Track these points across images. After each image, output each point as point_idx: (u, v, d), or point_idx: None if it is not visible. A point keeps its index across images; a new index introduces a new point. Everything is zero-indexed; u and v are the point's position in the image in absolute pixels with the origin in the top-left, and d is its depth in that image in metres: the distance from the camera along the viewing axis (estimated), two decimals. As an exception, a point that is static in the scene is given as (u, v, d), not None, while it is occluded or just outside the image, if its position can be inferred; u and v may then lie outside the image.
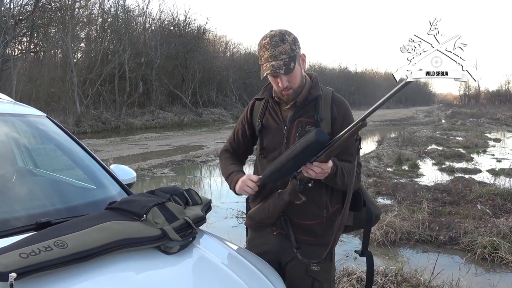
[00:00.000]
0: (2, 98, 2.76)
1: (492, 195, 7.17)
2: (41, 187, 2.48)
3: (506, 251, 4.88)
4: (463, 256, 5.02)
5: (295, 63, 1.97)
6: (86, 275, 1.50)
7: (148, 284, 1.62)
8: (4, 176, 2.29)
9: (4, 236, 1.66)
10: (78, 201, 2.28)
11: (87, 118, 21.06)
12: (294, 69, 1.97)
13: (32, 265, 1.36)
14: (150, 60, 27.37)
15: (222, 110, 32.07)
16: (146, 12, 29.35)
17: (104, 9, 26.44)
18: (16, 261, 1.34)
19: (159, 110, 26.45)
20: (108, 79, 24.99)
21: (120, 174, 2.54)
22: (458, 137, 19.39)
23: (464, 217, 6.07)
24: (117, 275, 1.57)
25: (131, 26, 27.61)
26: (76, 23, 23.96)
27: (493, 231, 5.32)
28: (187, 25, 31.76)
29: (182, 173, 10.01)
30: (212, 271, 1.79)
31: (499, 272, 4.65)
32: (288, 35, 1.98)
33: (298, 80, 2.03)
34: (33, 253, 1.39)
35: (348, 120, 2.04)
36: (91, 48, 26.21)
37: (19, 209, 1.98)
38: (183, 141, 16.38)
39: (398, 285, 3.81)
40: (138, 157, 12.04)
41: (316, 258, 2.01)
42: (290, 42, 1.97)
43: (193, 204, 2.07)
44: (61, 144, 2.52)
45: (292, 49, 1.97)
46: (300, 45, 2.04)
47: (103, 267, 1.55)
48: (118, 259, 1.61)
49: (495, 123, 31.14)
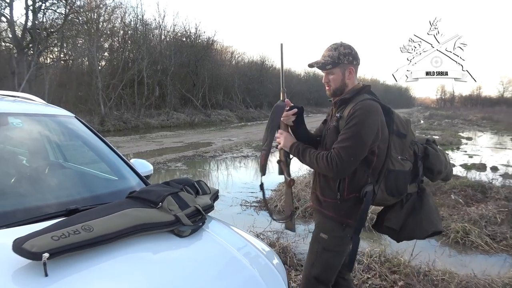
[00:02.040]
0: (36, 101, 2.77)
1: (465, 187, 7.16)
2: (70, 178, 2.49)
3: (476, 235, 4.88)
4: (439, 240, 5.02)
5: (335, 67, 2.13)
6: (109, 255, 1.50)
7: (163, 263, 1.62)
8: (38, 169, 2.30)
9: (38, 221, 1.67)
10: (102, 190, 2.29)
11: (110, 118, 21.07)
12: (331, 71, 2.14)
13: (62, 246, 1.37)
14: (165, 68, 27.36)
15: (228, 111, 32.02)
16: (161, 25, 29.34)
17: (125, 23, 26.46)
18: (48, 243, 1.35)
19: (173, 112, 26.43)
20: (128, 84, 24.98)
21: (139, 167, 2.55)
22: (435, 136, 19.33)
23: (440, 206, 6.06)
24: (136, 255, 1.57)
25: (149, 38, 27.56)
26: (100, 35, 23.96)
27: (465, 218, 5.33)
28: (197, 37, 31.72)
29: (193, 167, 10.01)
30: (219, 252, 1.80)
31: (470, 254, 4.65)
32: (344, 48, 2.13)
33: (338, 83, 2.16)
34: (63, 236, 1.40)
35: (352, 118, 2.03)
36: (113, 57, 26.21)
37: (51, 197, 1.99)
38: (194, 139, 16.38)
39: (382, 265, 3.82)
40: (155, 152, 12.04)
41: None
42: (341, 53, 2.12)
43: (202, 193, 2.08)
44: (87, 141, 2.53)
45: (339, 57, 2.12)
46: (355, 61, 2.15)
47: (124, 248, 1.56)
48: (137, 241, 1.62)
49: (467, 123, 31.07)
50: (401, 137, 2.14)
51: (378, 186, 2.10)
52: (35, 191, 2.02)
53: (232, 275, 1.70)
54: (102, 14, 24.24)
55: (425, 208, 2.20)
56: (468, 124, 30.17)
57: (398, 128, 2.14)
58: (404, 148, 2.14)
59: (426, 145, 2.26)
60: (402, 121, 2.19)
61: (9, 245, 1.35)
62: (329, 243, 2.18)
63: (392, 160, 2.08)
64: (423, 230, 2.21)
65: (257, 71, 38.26)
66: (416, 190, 2.23)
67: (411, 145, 2.18)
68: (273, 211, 5.80)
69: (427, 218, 2.19)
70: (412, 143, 2.20)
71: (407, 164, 2.14)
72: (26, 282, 1.31)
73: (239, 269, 1.72)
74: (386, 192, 2.11)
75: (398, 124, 2.15)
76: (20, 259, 1.33)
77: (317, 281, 2.22)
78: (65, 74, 22.78)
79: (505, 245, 4.76)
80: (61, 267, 1.36)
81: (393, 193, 2.12)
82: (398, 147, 2.11)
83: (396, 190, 2.11)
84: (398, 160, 2.10)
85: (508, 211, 5.75)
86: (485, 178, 8.11)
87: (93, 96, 22.04)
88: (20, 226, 1.62)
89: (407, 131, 2.18)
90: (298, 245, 4.45)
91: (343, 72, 2.14)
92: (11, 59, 19.55)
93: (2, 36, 21.23)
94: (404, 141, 2.14)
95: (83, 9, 22.94)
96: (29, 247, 1.32)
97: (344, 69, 2.13)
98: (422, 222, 2.19)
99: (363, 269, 3.75)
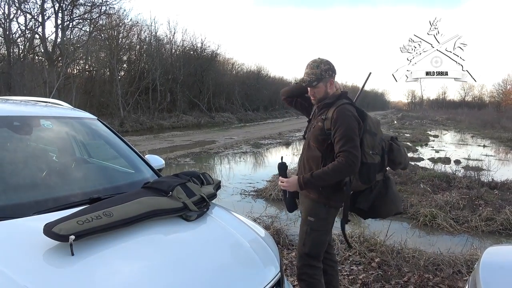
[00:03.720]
0: (64, 106, 2.76)
1: (432, 177, 7.18)
2: (93, 172, 2.49)
3: (442, 219, 4.90)
4: (410, 223, 5.04)
5: (319, 82, 2.21)
6: (127, 237, 1.51)
7: (173, 243, 1.63)
8: (66, 164, 2.30)
9: (66, 208, 1.67)
10: (121, 182, 2.29)
11: (128, 120, 20.99)
12: (316, 86, 2.22)
13: (86, 229, 1.37)
14: (175, 77, 27.26)
15: (229, 114, 31.91)
16: (172, 41, 29.11)
17: (141, 39, 26.31)
18: (75, 226, 1.36)
19: (182, 114, 26.35)
20: (144, 91, 24.88)
21: (152, 161, 2.54)
22: (406, 134, 19.39)
23: (410, 194, 6.08)
24: (150, 237, 1.58)
25: (161, 51, 27.44)
26: (120, 49, 23.84)
27: (432, 204, 5.35)
28: (203, 50, 31.51)
29: (199, 161, 9.99)
30: (221, 233, 1.81)
31: (436, 235, 4.67)
32: (324, 65, 2.22)
33: (322, 94, 2.24)
34: (87, 220, 1.40)
35: (336, 121, 2.12)
36: (131, 68, 26.09)
37: (77, 188, 1.99)
38: (200, 138, 16.34)
39: (361, 244, 3.83)
40: (167, 149, 12.01)
41: None
42: (322, 69, 2.21)
43: (207, 184, 2.08)
44: (108, 140, 2.52)
45: (321, 74, 2.21)
46: (334, 74, 2.25)
47: (140, 231, 1.56)
48: (150, 225, 1.62)
49: (434, 123, 31.11)
50: (372, 135, 2.23)
51: (354, 176, 2.19)
52: (63, 183, 2.02)
53: (231, 252, 1.71)
54: (121, 32, 24.10)
55: (390, 193, 2.31)
56: (435, 124, 30.20)
57: (370, 128, 2.23)
58: (374, 145, 2.23)
59: (391, 142, 2.36)
60: (374, 122, 2.29)
61: (41, 229, 1.35)
62: (316, 224, 2.24)
63: (365, 154, 2.17)
64: (387, 210, 2.35)
65: (254, 79, 38.07)
66: (383, 178, 2.33)
67: (379, 142, 2.27)
68: (269, 199, 5.84)
69: (391, 201, 2.32)
70: (381, 140, 2.29)
71: (376, 157, 2.23)
72: (55, 260, 1.31)
73: (238, 248, 1.73)
74: (360, 180, 2.21)
75: (371, 125, 2.25)
76: (50, 241, 1.33)
77: (308, 256, 2.28)
78: (90, 83, 22.66)
79: (467, 227, 4.79)
80: (85, 248, 1.37)
81: (365, 181, 2.22)
82: (370, 143, 2.20)
83: (367, 178, 2.21)
84: (370, 154, 2.19)
85: (469, 198, 5.77)
86: (450, 170, 8.14)
87: (113, 102, 21.95)
88: (50, 212, 1.62)
89: (377, 131, 2.29)
90: (289, 228, 4.46)
91: (326, 84, 2.23)
92: (43, 71, 19.45)
93: (36, 50, 21.14)
94: (375, 139, 2.24)
95: (105, 27, 22.86)
96: (57, 230, 1.32)
97: (326, 82, 2.23)
98: (387, 204, 2.31)
99: (345, 247, 3.76)
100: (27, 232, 1.45)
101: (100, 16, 22.20)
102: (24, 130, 2.16)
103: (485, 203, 5.59)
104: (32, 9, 20.16)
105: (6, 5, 18.79)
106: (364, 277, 3.22)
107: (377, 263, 3.48)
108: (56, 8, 20.34)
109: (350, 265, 3.48)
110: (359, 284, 3.11)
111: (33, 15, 19.94)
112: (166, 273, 1.38)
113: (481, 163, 9.87)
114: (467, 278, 3.20)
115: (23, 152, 2.12)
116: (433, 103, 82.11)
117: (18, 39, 20.17)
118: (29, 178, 1.95)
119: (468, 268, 3.36)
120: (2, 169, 1.91)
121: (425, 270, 3.35)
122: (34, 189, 1.89)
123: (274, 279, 1.64)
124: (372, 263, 3.50)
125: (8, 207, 1.64)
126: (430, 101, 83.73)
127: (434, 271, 3.35)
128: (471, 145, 15.68)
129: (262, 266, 1.67)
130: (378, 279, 3.21)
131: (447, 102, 75.96)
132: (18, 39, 20.12)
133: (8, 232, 1.45)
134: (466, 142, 17.21)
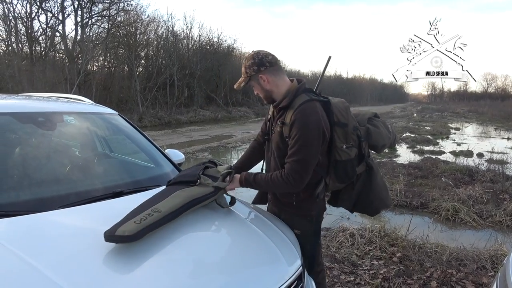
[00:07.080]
0: (85, 101, 2.80)
1: (454, 171, 7.03)
2: (115, 166, 2.52)
3: (465, 213, 4.78)
4: (431, 217, 4.94)
5: (250, 81, 1.90)
6: (177, 228, 1.57)
7: (213, 228, 1.77)
8: (88, 159, 2.33)
9: (89, 202, 1.70)
10: (142, 176, 2.30)
11: (147, 115, 21.26)
12: (250, 84, 1.91)
13: (145, 227, 1.44)
14: (192, 72, 27.40)
15: (246, 108, 31.94)
16: (189, 36, 29.27)
17: (158, 35, 26.52)
18: (135, 226, 1.42)
19: (199, 109, 26.51)
20: (162, 86, 25.13)
21: (172, 156, 2.55)
22: (426, 127, 19.00)
23: (432, 188, 5.96)
24: (193, 227, 1.66)
25: (178, 47, 27.61)
26: (137, 45, 24.10)
27: (454, 198, 5.23)
28: (219, 45, 31.60)
29: (217, 156, 10.04)
30: (245, 228, 1.84)
31: (459, 229, 4.56)
32: (247, 61, 1.89)
33: (262, 92, 1.92)
34: (143, 219, 1.47)
35: (294, 128, 1.80)
36: (149, 63, 26.35)
37: (99, 182, 2.01)
38: (217, 132, 16.43)
39: (381, 239, 3.77)
40: (185, 144, 12.12)
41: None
42: (246, 67, 1.88)
43: (218, 166, 2.07)
44: (129, 134, 2.54)
45: (246, 72, 1.89)
46: (262, 67, 1.85)
47: (185, 221, 1.64)
48: (192, 214, 1.70)
49: (455, 116, 30.39)
50: (342, 126, 1.90)
51: (329, 177, 1.94)
52: (86, 177, 2.04)
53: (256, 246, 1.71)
54: (139, 28, 24.33)
55: (374, 187, 2.05)
56: (456, 116, 29.49)
57: (338, 119, 1.90)
58: (347, 136, 1.91)
59: (368, 125, 2.05)
60: (341, 110, 1.93)
61: (69, 223, 1.38)
62: (304, 236, 1.98)
63: (338, 151, 1.89)
64: (374, 208, 2.10)
65: (271, 73, 38.11)
66: (365, 169, 2.05)
67: (353, 131, 1.94)
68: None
69: (377, 197, 2.06)
70: (355, 128, 1.95)
71: (352, 151, 1.94)
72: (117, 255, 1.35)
73: (260, 242, 1.72)
74: (337, 181, 1.95)
75: (338, 115, 1.90)
76: (79, 235, 1.37)
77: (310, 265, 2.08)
78: (109, 79, 23.02)
79: (491, 221, 4.66)
80: (143, 240, 1.43)
81: (343, 181, 1.97)
82: (342, 136, 1.90)
83: (346, 177, 1.96)
84: (343, 150, 1.90)
85: (493, 191, 5.62)
86: (472, 163, 7.92)
87: (132, 97, 22.27)
88: (74, 206, 1.64)
89: (347, 119, 1.93)
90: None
91: (258, 82, 1.89)
92: (63, 67, 19.88)
93: (56, 48, 21.59)
94: (346, 130, 1.91)
95: (123, 24, 23.11)
96: (121, 233, 1.38)
97: (256, 80, 1.88)
98: (373, 201, 2.06)
99: (365, 242, 3.71)
100: (54, 226, 1.48)
101: (118, 12, 22.49)
102: (48, 125, 2.20)
103: (510, 197, 5.43)
104: (53, 7, 20.56)
105: (28, 4, 19.23)
106: (385, 272, 3.18)
107: (398, 258, 3.43)
108: (75, 6, 20.74)
109: (371, 260, 3.44)
110: (380, 279, 3.06)
111: (54, 13, 20.37)
112: (211, 264, 1.47)
113: (506, 156, 9.58)
114: (493, 273, 3.12)
115: (47, 148, 2.16)
116: (454, 95, 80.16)
117: (40, 37, 20.64)
118: (53, 173, 1.98)
119: (493, 263, 3.27)
120: (28, 165, 1.95)
121: (448, 266, 3.27)
122: (58, 183, 1.92)
123: (296, 273, 1.62)
124: (393, 257, 3.44)
125: (34, 201, 1.67)
126: (451, 93, 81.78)
127: (457, 266, 3.28)
128: (494, 138, 15.23)
129: (284, 260, 1.65)
130: (399, 274, 3.16)
131: (468, 94, 73.97)
132: (39, 37, 20.60)
133: (35, 226, 1.47)
134: (489, 135, 16.73)
